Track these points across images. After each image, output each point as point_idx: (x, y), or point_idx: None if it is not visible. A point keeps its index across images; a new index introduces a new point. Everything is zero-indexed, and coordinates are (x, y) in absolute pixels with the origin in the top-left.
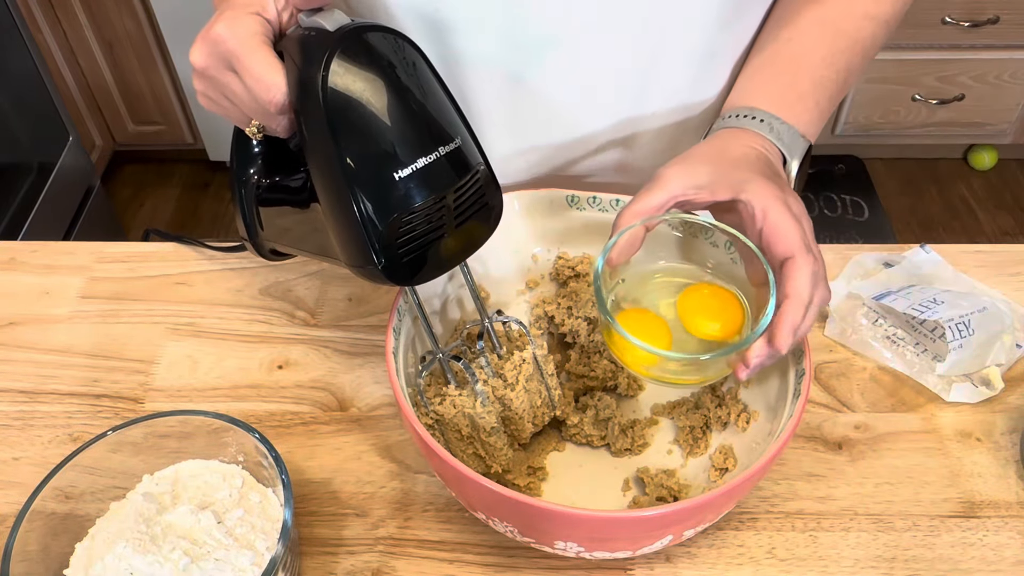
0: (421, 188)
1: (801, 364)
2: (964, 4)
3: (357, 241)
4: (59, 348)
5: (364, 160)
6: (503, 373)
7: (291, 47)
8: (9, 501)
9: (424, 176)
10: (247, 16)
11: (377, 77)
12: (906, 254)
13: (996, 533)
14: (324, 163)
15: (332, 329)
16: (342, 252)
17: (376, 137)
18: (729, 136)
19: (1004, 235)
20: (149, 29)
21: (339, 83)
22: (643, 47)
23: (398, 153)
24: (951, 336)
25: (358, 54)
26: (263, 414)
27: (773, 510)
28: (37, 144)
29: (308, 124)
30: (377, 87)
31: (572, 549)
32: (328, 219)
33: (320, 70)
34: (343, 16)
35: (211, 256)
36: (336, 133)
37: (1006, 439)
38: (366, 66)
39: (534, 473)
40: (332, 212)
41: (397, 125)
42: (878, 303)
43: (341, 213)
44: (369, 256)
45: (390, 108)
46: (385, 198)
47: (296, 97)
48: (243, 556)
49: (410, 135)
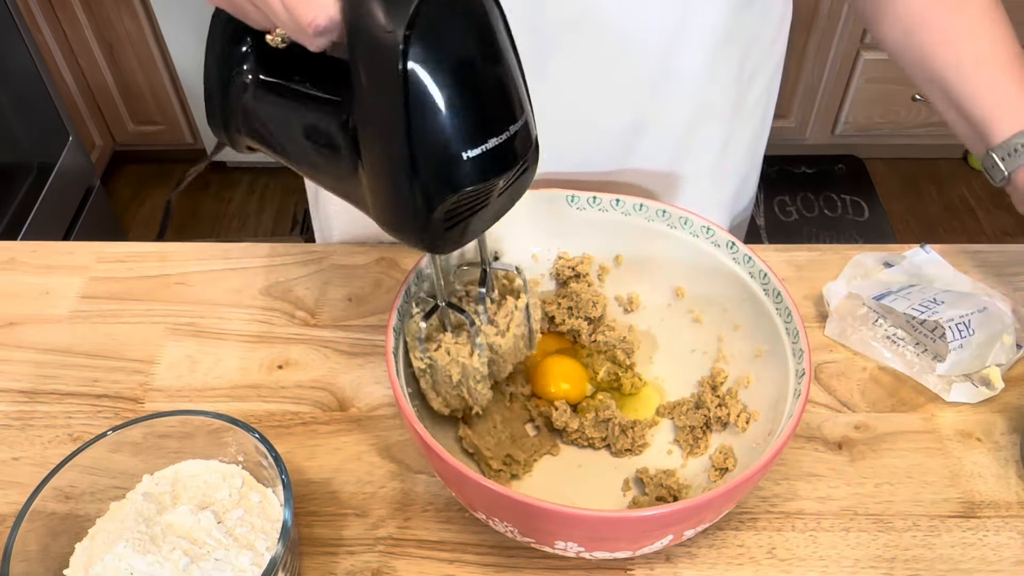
0: (485, 168)
1: (801, 364)
2: None
3: (403, 209)
4: (59, 348)
5: (434, 134)
6: (495, 319)
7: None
8: (9, 501)
9: (491, 156)
10: None
11: (464, 43)
12: (906, 254)
13: (996, 533)
14: (383, 125)
15: (332, 329)
16: (379, 211)
17: (453, 112)
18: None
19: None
20: (149, 29)
21: (422, 45)
22: (662, 31)
23: (471, 131)
24: (951, 336)
25: (447, 14)
26: (263, 414)
27: (773, 510)
28: (37, 144)
29: (370, 78)
30: (463, 55)
31: (572, 549)
32: (371, 174)
33: (401, 26)
34: None
35: (211, 256)
36: (409, 101)
37: (1006, 439)
38: (454, 30)
39: (511, 464)
40: (379, 173)
41: (476, 101)
42: (878, 303)
43: (392, 178)
44: (413, 226)
45: (472, 81)
46: (447, 176)
47: (357, 42)
48: (243, 556)
49: (486, 113)
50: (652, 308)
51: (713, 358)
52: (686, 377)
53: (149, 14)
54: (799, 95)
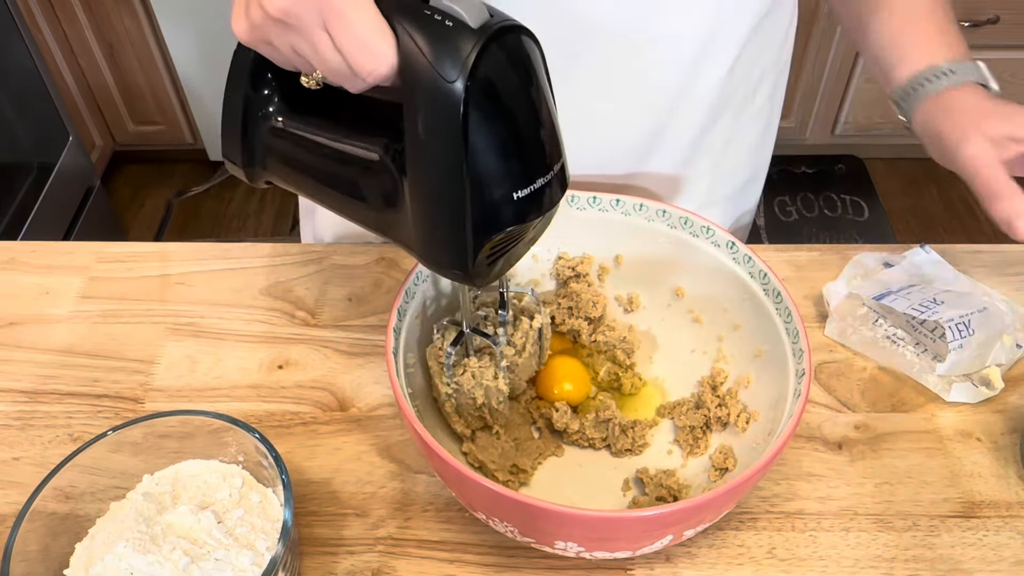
0: (533, 207)
1: (801, 364)
2: (964, 4)
3: (453, 248)
4: (59, 348)
5: (488, 176)
6: (513, 340)
7: (411, 28)
8: (9, 501)
9: (538, 195)
10: None
11: (518, 90)
12: (906, 254)
13: (996, 533)
14: (437, 168)
15: (332, 329)
16: (425, 248)
17: (507, 154)
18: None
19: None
20: (149, 29)
21: (480, 94)
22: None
23: (524, 172)
24: (951, 336)
25: (503, 62)
26: (263, 414)
27: (773, 510)
28: (37, 144)
29: (427, 124)
30: (518, 101)
31: (572, 549)
32: (419, 214)
33: (462, 76)
34: (480, 4)
35: (211, 256)
36: (468, 147)
37: (1006, 439)
38: (510, 78)
39: (517, 473)
40: (429, 213)
41: (527, 144)
42: (878, 303)
43: (442, 218)
44: (460, 262)
45: (524, 125)
46: (499, 215)
47: (415, 89)
48: (243, 556)
49: (536, 155)
50: (652, 308)
51: (713, 358)
52: (686, 377)
53: (149, 14)
54: (799, 95)
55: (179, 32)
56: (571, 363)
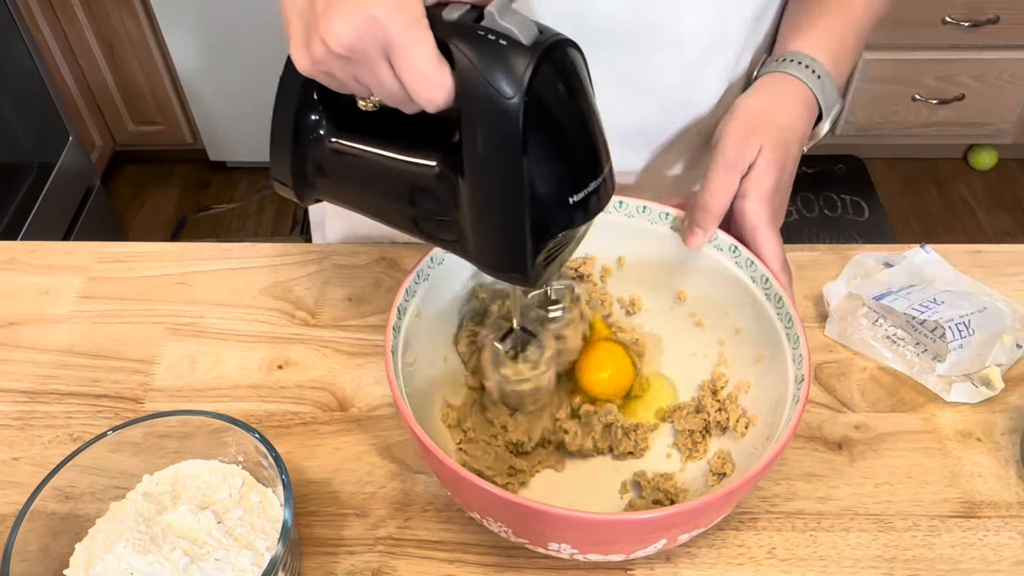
0: (587, 209)
1: (801, 369)
2: (964, 4)
3: (513, 252)
4: (59, 348)
5: (545, 183)
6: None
7: (468, 49)
8: (9, 501)
9: (590, 198)
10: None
11: (570, 101)
12: (906, 254)
13: (996, 533)
14: (498, 181)
15: (332, 329)
16: (484, 255)
17: (562, 162)
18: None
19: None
20: (149, 29)
21: (537, 108)
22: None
23: (577, 178)
24: (951, 336)
25: (555, 77)
26: (263, 414)
27: (773, 510)
28: (37, 144)
29: (487, 140)
30: (570, 112)
31: (566, 551)
32: (479, 224)
33: (520, 92)
34: (529, 22)
35: (211, 256)
36: (526, 156)
37: (1006, 439)
38: (562, 90)
39: (515, 474)
40: (489, 223)
41: (581, 150)
42: (878, 303)
43: (503, 227)
44: (519, 266)
45: (578, 133)
46: (555, 219)
47: (474, 108)
48: (243, 556)
49: (589, 160)
50: (654, 311)
51: (714, 362)
52: (687, 380)
53: (149, 14)
54: None
55: (179, 32)
56: (615, 350)
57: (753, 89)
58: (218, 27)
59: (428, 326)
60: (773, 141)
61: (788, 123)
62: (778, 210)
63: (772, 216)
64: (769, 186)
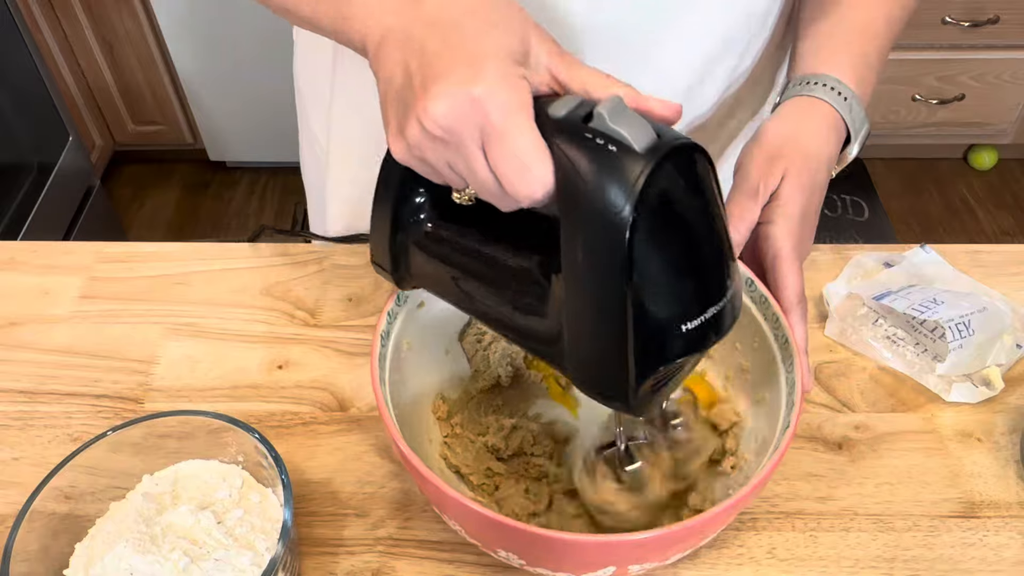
0: (703, 338)
1: (790, 416)
2: (964, 4)
3: (612, 378)
4: (59, 348)
5: (655, 308)
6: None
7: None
8: (9, 501)
9: (708, 325)
10: (515, 79)
11: (689, 218)
12: (906, 254)
13: (996, 533)
14: (599, 298)
15: (332, 329)
16: (582, 375)
17: (677, 286)
18: (811, 113)
19: (1004, 235)
20: (149, 29)
21: (648, 225)
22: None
23: (692, 304)
24: (951, 336)
25: (672, 189)
26: (263, 414)
27: (773, 510)
28: (37, 144)
29: (589, 252)
30: (687, 229)
31: (514, 560)
32: (577, 342)
33: (628, 204)
34: (645, 124)
35: (211, 256)
36: (632, 276)
37: (1006, 439)
38: (680, 205)
39: (491, 477)
40: (588, 343)
41: (698, 274)
42: (878, 303)
43: (602, 349)
44: (623, 395)
45: (695, 254)
46: (664, 347)
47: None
48: (243, 556)
49: (707, 285)
50: None
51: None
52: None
53: (149, 14)
54: None
55: (179, 32)
56: None
57: (777, 114)
58: (218, 27)
59: (434, 316)
60: (799, 167)
61: (815, 148)
62: (804, 239)
63: (796, 244)
64: (795, 212)
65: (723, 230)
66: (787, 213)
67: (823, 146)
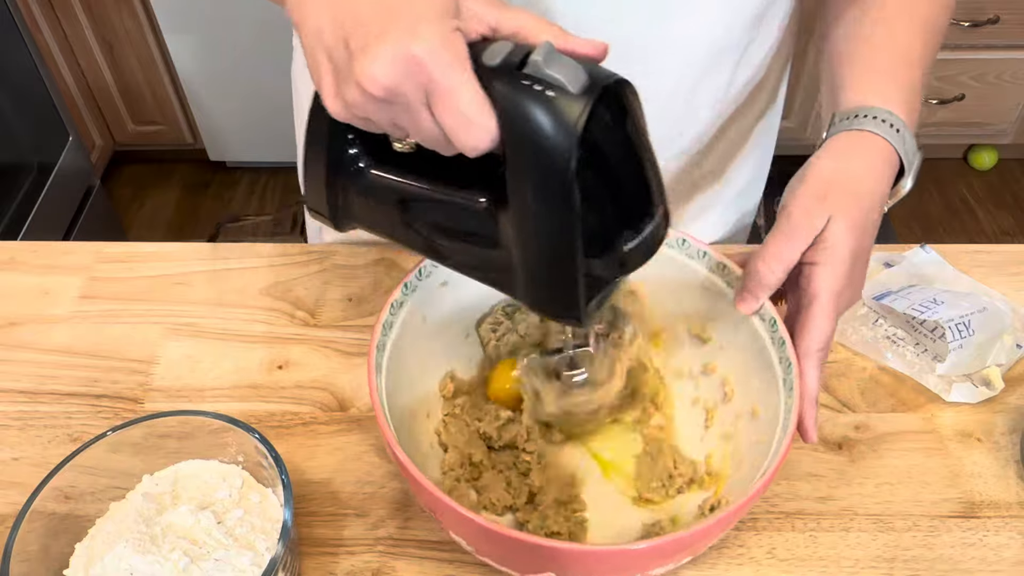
0: (641, 254)
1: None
2: (964, 4)
3: (565, 300)
4: (59, 348)
5: (599, 234)
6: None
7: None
8: (9, 501)
9: (646, 242)
10: (451, 34)
11: (622, 146)
12: (906, 254)
13: (996, 533)
14: (547, 227)
15: (332, 329)
16: (533, 298)
17: (615, 210)
18: (864, 148)
19: (1004, 235)
20: (149, 29)
21: (588, 159)
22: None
23: (631, 224)
24: (951, 336)
25: (606, 124)
26: (263, 414)
27: (773, 510)
28: (37, 144)
29: (534, 186)
30: (623, 160)
31: (466, 546)
32: (528, 268)
33: (571, 147)
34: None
35: (211, 256)
36: (576, 207)
37: (1006, 439)
38: (614, 138)
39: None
40: (539, 268)
41: (634, 196)
42: (878, 303)
43: (553, 273)
44: (575, 313)
45: (632, 179)
46: (609, 266)
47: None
48: (243, 556)
49: (642, 204)
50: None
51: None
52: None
53: (149, 14)
54: (799, 95)
55: (179, 32)
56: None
57: (825, 149)
58: (218, 27)
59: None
60: (848, 206)
61: (868, 187)
62: (852, 284)
63: (840, 290)
64: (844, 255)
65: (651, 155)
66: (834, 256)
67: (876, 184)
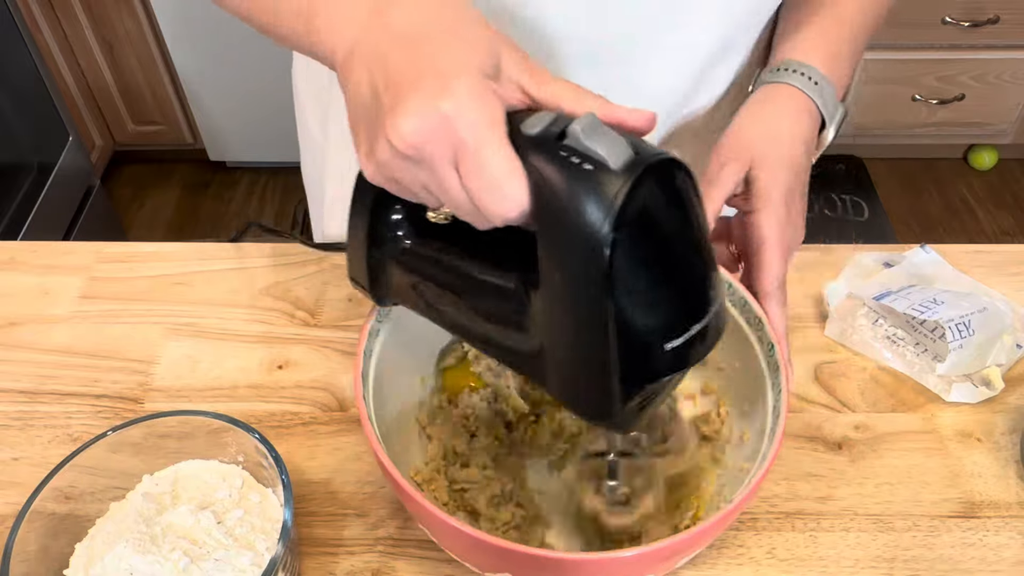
0: (688, 355)
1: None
2: (964, 4)
3: (596, 397)
4: (59, 348)
5: (636, 328)
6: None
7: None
8: (9, 501)
9: (693, 342)
10: (486, 94)
11: (669, 234)
12: (906, 254)
13: (996, 533)
14: (579, 318)
15: (332, 329)
16: (565, 394)
17: (657, 305)
18: (780, 99)
19: (1004, 235)
20: (149, 29)
21: (627, 242)
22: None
23: (674, 323)
24: (951, 336)
25: (651, 206)
26: (263, 414)
27: (773, 510)
28: (37, 144)
29: (567, 271)
30: (668, 246)
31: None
32: (558, 361)
33: (607, 223)
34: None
35: (211, 256)
36: (613, 295)
37: (1006, 439)
38: (659, 221)
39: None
40: (570, 361)
41: (681, 291)
42: (878, 303)
43: (584, 367)
44: (608, 413)
45: (677, 271)
46: (648, 366)
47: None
48: (243, 556)
49: (690, 302)
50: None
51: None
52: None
53: (149, 14)
54: None
55: (179, 32)
56: None
57: (744, 105)
58: (218, 27)
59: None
60: (769, 149)
61: (784, 128)
62: (791, 222)
63: (783, 230)
64: (778, 196)
65: (706, 245)
66: (768, 199)
67: (792, 125)
